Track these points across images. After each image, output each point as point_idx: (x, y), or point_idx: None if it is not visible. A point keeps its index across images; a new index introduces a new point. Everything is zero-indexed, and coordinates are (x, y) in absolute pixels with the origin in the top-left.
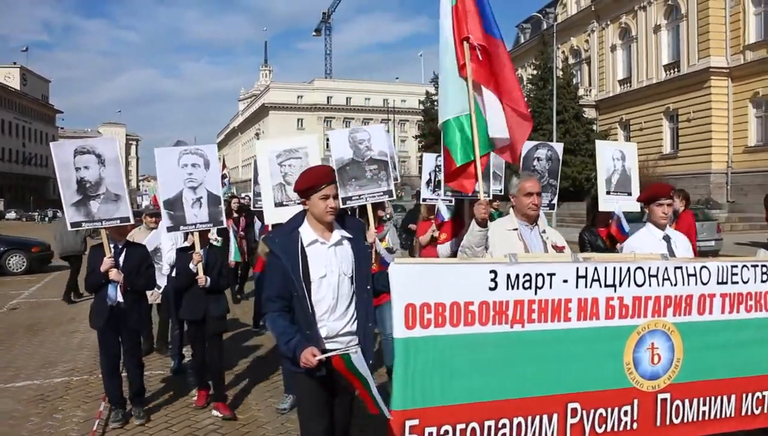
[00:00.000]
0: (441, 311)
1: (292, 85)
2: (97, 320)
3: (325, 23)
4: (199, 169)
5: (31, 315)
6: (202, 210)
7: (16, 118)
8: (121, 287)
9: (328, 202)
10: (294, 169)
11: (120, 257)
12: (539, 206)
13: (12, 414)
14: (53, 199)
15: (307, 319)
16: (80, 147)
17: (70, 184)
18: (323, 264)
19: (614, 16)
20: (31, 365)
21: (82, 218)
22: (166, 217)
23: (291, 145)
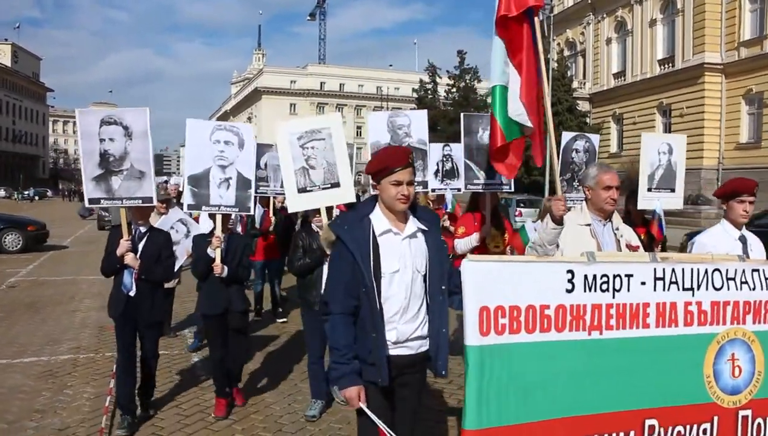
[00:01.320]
0: (516, 316)
1: (286, 69)
2: (114, 308)
3: (319, 8)
4: (231, 147)
5: (31, 293)
6: (228, 192)
7: (6, 95)
8: (135, 274)
9: (400, 189)
10: (317, 152)
11: (140, 243)
12: (617, 201)
13: (22, 389)
14: (43, 178)
15: (375, 320)
16: (107, 117)
17: (93, 156)
18: (396, 258)
19: (610, 9)
20: (35, 342)
21: (101, 194)
22: (189, 193)
23: (312, 125)
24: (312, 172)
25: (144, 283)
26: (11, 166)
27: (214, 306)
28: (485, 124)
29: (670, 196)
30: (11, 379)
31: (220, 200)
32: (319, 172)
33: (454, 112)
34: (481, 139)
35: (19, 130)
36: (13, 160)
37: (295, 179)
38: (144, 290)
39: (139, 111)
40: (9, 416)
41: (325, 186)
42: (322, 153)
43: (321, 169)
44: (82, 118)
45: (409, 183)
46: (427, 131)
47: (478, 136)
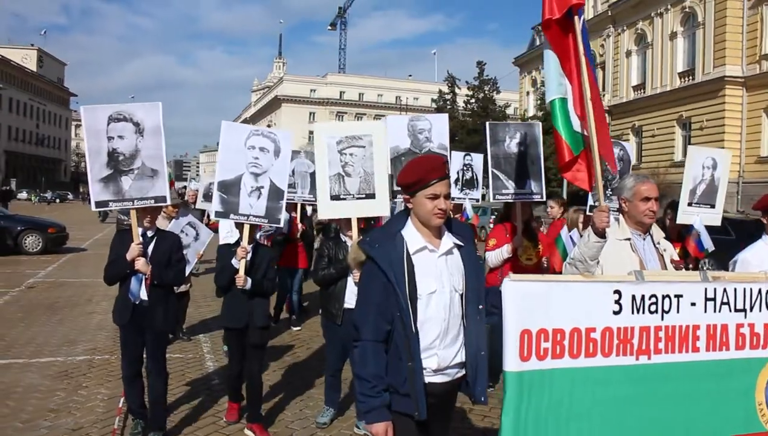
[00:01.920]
0: (560, 339)
1: (306, 78)
2: (120, 316)
3: (340, 18)
4: (266, 154)
5: (49, 294)
6: (259, 202)
7: (31, 99)
8: (146, 280)
9: (436, 203)
10: (355, 160)
11: (149, 247)
12: (656, 213)
13: (38, 388)
14: (64, 181)
15: (411, 346)
16: (116, 113)
17: (100, 155)
18: (433, 277)
19: (630, 21)
20: (52, 342)
21: (109, 197)
22: (218, 200)
23: (354, 131)
24: (347, 179)
25: (156, 288)
26: (34, 169)
27: (235, 319)
28: (512, 132)
29: (710, 211)
30: (28, 378)
31: (249, 210)
32: (354, 181)
33: (473, 123)
34: (508, 148)
35: (42, 134)
36: (36, 163)
37: (330, 186)
38: (156, 296)
39: (150, 106)
40: (24, 414)
41: (360, 196)
42: (360, 161)
43: (357, 177)
44: (87, 115)
45: (446, 196)
46: (448, 136)
47: (505, 145)
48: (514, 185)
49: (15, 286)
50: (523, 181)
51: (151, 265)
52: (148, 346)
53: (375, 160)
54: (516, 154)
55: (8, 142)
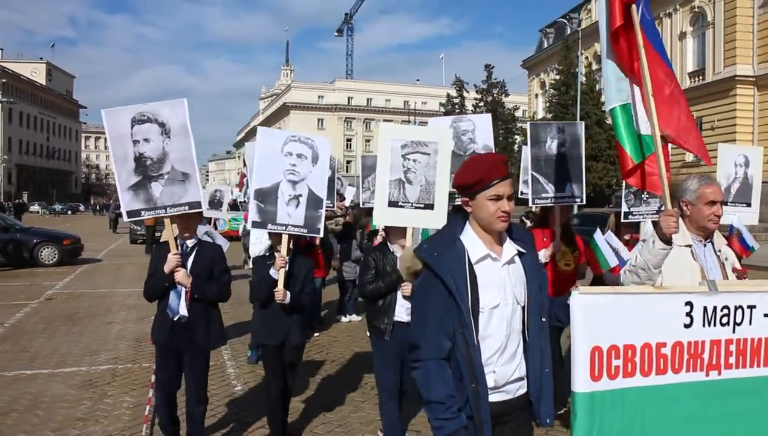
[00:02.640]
0: (631, 356)
1: (313, 85)
2: (158, 333)
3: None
4: (304, 161)
5: (68, 305)
6: (298, 210)
7: (41, 112)
8: (187, 294)
9: (500, 205)
10: (419, 166)
11: (189, 259)
12: (720, 218)
13: (65, 397)
14: (75, 193)
15: (474, 365)
16: (139, 114)
17: (126, 161)
18: (496, 289)
19: None
20: (74, 352)
21: (141, 205)
22: (255, 210)
23: (421, 136)
24: (408, 187)
25: (197, 303)
26: (45, 182)
27: (271, 335)
28: (553, 133)
29: (746, 210)
30: (54, 388)
31: (287, 219)
32: (415, 189)
33: None
34: (549, 150)
35: (52, 147)
36: (47, 175)
37: (389, 191)
38: (197, 312)
39: (175, 104)
40: (53, 423)
41: (418, 205)
42: (423, 169)
43: (418, 185)
44: (110, 119)
45: (509, 197)
46: (492, 136)
47: (546, 146)
48: (554, 188)
49: (34, 298)
50: (563, 183)
51: (192, 277)
52: (187, 367)
53: (438, 170)
54: (556, 155)
55: (19, 155)
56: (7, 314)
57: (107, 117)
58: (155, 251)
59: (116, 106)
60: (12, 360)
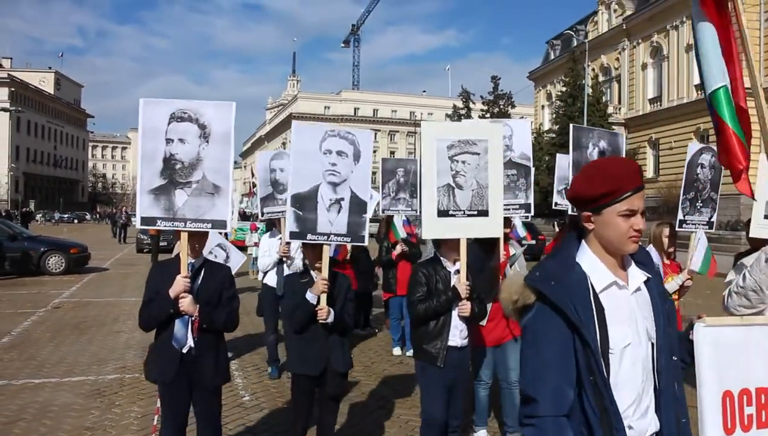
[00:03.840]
0: (765, 402)
1: (320, 95)
2: (162, 371)
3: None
4: (345, 160)
5: (75, 314)
6: (340, 217)
7: (48, 121)
8: (194, 323)
9: (633, 222)
10: (468, 169)
11: (196, 281)
12: None
13: (72, 407)
14: (82, 202)
15: (610, 421)
16: (180, 110)
17: (154, 161)
18: (627, 323)
19: (646, 34)
20: (82, 361)
21: (159, 213)
22: (293, 218)
23: (468, 134)
24: (458, 192)
25: (205, 334)
26: (52, 191)
27: (308, 364)
28: (595, 139)
29: None
30: (62, 397)
31: (329, 228)
32: (466, 194)
33: None
34: (590, 156)
35: (60, 156)
36: (54, 184)
37: (438, 199)
38: (205, 343)
39: (222, 106)
40: (61, 433)
41: (471, 213)
42: (473, 171)
43: (469, 190)
44: (146, 110)
45: (643, 213)
46: (530, 144)
47: (587, 151)
48: None
49: (41, 306)
50: None
51: (199, 304)
52: (198, 407)
53: (490, 171)
54: None
55: (27, 164)
56: (14, 322)
57: (144, 107)
58: (154, 270)
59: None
60: (19, 369)
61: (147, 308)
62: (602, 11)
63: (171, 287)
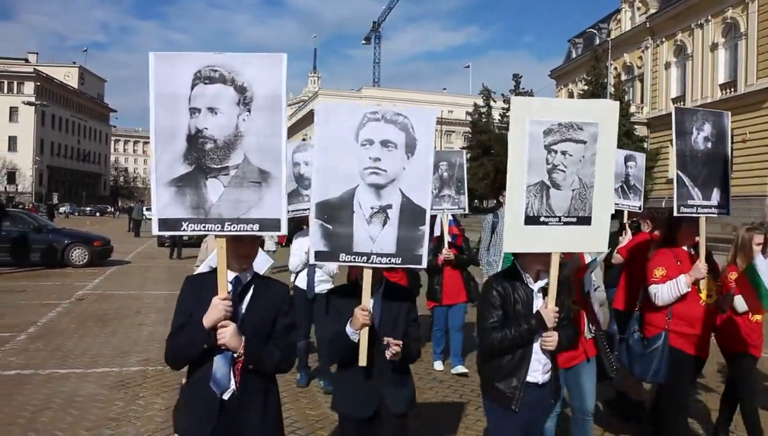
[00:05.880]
0: None
1: (341, 92)
2: (194, 423)
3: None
4: (393, 152)
5: (99, 306)
6: (386, 231)
7: (73, 115)
8: (239, 362)
9: None
10: (569, 162)
11: (242, 304)
12: None
13: (97, 398)
14: (104, 195)
15: None
16: (208, 67)
17: (174, 139)
18: None
19: (669, 33)
20: (106, 353)
21: (183, 213)
22: (318, 233)
23: (572, 115)
24: (554, 193)
25: (251, 376)
26: (75, 184)
27: (356, 405)
28: (699, 122)
29: None
30: (87, 388)
31: (370, 246)
32: (564, 195)
33: None
34: (695, 144)
35: (83, 149)
36: (77, 178)
37: (527, 200)
38: (252, 386)
39: (269, 60)
40: (87, 423)
41: (569, 220)
42: (575, 165)
43: (568, 190)
44: (161, 69)
45: None
46: None
47: (691, 138)
48: (700, 195)
49: (66, 298)
50: (708, 189)
51: (244, 335)
52: None
53: (598, 166)
54: (702, 151)
55: (51, 157)
56: (39, 313)
57: (157, 65)
58: (188, 286)
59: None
60: (46, 359)
61: (175, 337)
62: (625, 9)
63: (206, 313)
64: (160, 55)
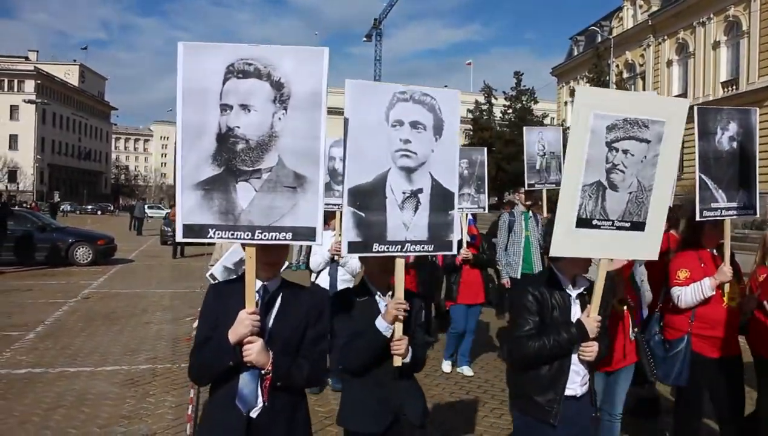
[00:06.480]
0: None
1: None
2: None
3: (375, 29)
4: (423, 134)
5: (105, 305)
6: (418, 216)
7: (73, 114)
8: (267, 378)
9: None
10: (631, 161)
11: (269, 315)
12: None
13: (108, 395)
14: (105, 193)
15: None
16: (242, 60)
17: (202, 138)
18: None
19: (671, 31)
20: (114, 351)
21: (210, 219)
22: (351, 222)
23: (639, 111)
24: (610, 194)
25: (280, 393)
26: (76, 182)
27: (372, 419)
28: (724, 121)
29: None
30: (98, 386)
31: (404, 233)
32: (620, 198)
33: (510, 134)
34: (719, 144)
35: (84, 148)
36: (78, 176)
37: (581, 201)
38: (279, 405)
39: (309, 54)
40: (100, 420)
41: (622, 224)
42: (636, 165)
43: (625, 193)
44: (190, 61)
45: None
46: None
47: (715, 139)
48: (725, 197)
49: (71, 297)
50: (733, 190)
51: (272, 350)
52: None
53: (659, 169)
54: (728, 152)
55: (52, 155)
56: (47, 311)
57: (185, 55)
58: (212, 294)
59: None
60: (55, 357)
61: (200, 353)
62: (627, 7)
63: (232, 328)
64: (190, 46)
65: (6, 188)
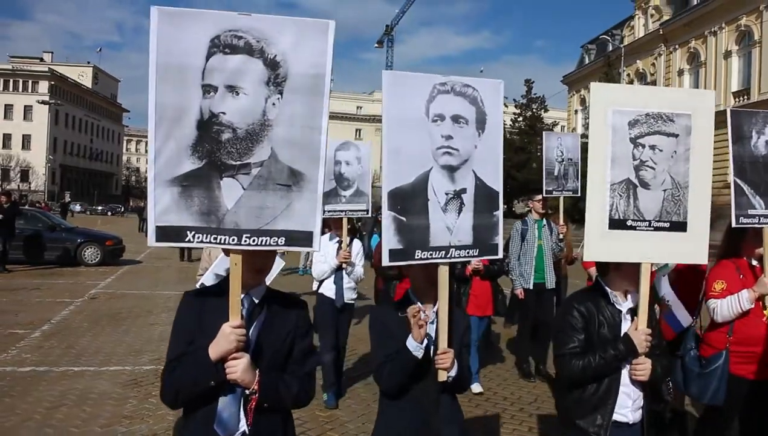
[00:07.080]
0: None
1: (352, 95)
2: None
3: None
4: (465, 129)
5: (111, 305)
6: (462, 218)
7: (86, 115)
8: (252, 400)
9: None
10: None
11: (253, 329)
12: None
13: (111, 395)
14: (116, 194)
15: None
16: (229, 33)
17: (180, 125)
18: None
19: (683, 40)
20: (118, 352)
21: (188, 220)
22: (392, 227)
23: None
24: (642, 193)
25: (265, 415)
26: (87, 183)
27: None
28: (759, 124)
29: None
30: (101, 385)
31: (447, 238)
32: (654, 196)
33: (520, 141)
34: (755, 148)
35: (96, 149)
36: (90, 176)
37: (611, 200)
38: (265, 428)
39: (310, 26)
40: (101, 420)
41: (660, 224)
42: (667, 161)
43: (659, 190)
44: (166, 29)
45: None
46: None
47: (751, 143)
48: (763, 203)
49: (78, 296)
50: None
51: (259, 368)
52: None
53: (692, 163)
54: (764, 156)
55: (64, 156)
56: (53, 311)
57: (161, 22)
58: (187, 305)
59: (183, 8)
60: (60, 356)
61: (175, 372)
62: (639, 16)
63: (213, 342)
64: (167, 12)
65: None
